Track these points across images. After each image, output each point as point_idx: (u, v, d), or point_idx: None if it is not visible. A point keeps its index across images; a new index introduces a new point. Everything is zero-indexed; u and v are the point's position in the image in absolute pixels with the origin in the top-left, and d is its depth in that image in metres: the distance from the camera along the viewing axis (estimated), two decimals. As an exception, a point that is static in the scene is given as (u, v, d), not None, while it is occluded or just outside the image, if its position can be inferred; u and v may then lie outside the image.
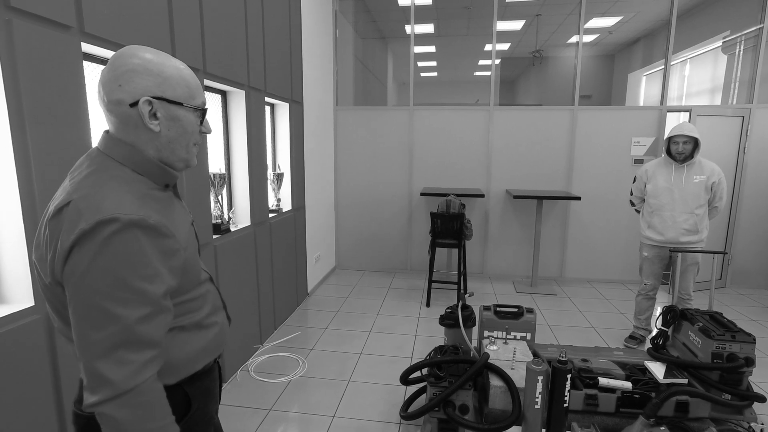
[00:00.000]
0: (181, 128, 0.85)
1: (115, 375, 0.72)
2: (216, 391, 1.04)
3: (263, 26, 3.00)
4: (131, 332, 0.74)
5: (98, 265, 0.72)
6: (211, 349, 0.96)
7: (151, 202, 0.81)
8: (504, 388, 2.09)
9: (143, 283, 0.75)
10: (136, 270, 0.75)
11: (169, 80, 0.82)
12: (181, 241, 0.85)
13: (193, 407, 0.93)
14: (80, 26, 1.53)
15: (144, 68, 0.80)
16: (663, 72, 4.43)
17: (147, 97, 0.79)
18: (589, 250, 4.68)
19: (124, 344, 0.73)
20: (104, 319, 0.72)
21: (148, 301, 0.76)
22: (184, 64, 0.87)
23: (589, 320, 3.65)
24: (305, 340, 3.22)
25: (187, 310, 0.90)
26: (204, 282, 0.96)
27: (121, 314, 0.73)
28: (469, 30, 7.67)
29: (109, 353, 0.72)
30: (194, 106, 0.86)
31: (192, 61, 2.19)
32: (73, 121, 1.50)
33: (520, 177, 4.69)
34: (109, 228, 0.72)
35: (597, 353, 2.51)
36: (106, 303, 0.72)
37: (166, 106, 0.82)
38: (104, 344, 0.72)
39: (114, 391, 0.72)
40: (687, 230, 2.91)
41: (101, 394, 0.72)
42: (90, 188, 0.77)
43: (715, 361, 2.14)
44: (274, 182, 3.46)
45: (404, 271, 5.03)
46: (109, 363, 0.72)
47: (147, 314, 0.76)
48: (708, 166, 2.92)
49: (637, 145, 4.41)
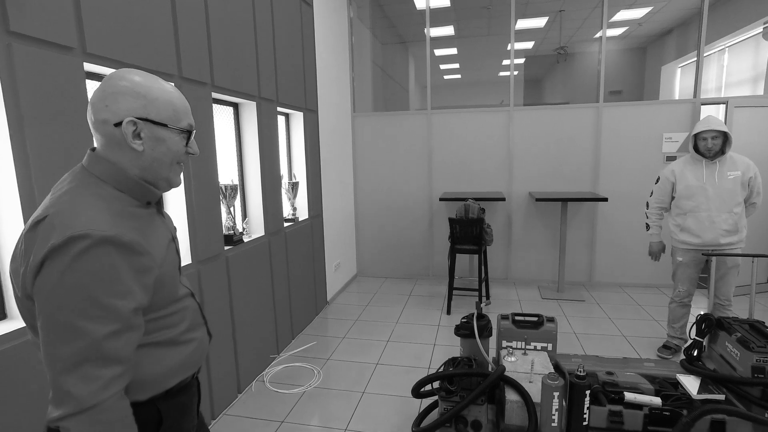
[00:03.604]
0: (165, 148, 0.87)
1: (79, 390, 0.72)
2: (193, 409, 1.02)
3: (274, 37, 3.02)
4: (98, 348, 0.73)
5: (67, 281, 0.72)
6: (187, 365, 0.95)
7: (128, 219, 0.82)
8: (521, 403, 1.98)
9: (113, 300, 0.75)
10: (106, 286, 0.74)
11: (155, 102, 0.84)
12: (156, 259, 0.85)
13: (164, 424, 0.91)
14: (82, 47, 1.56)
15: (131, 90, 0.83)
16: (696, 63, 4.17)
17: (131, 118, 0.82)
18: (620, 253, 4.45)
19: (91, 360, 0.73)
20: (71, 334, 0.72)
21: (118, 318, 0.75)
22: (174, 88, 0.90)
23: (619, 328, 3.45)
24: (322, 349, 3.20)
25: (162, 326, 0.89)
26: (183, 298, 0.96)
27: (89, 330, 0.72)
28: (490, 30, 7.53)
29: (75, 368, 0.72)
30: (179, 128, 0.88)
31: (199, 75, 2.22)
32: (77, 143, 1.54)
33: (544, 178, 4.52)
34: (80, 244, 0.72)
35: (625, 365, 2.35)
36: (73, 318, 0.72)
37: (150, 127, 0.84)
38: (70, 359, 0.72)
39: (77, 407, 0.71)
40: (727, 231, 2.70)
41: (64, 409, 0.72)
42: (66, 204, 0.77)
43: (755, 375, 1.96)
44: (289, 191, 3.47)
45: (426, 278, 4.95)
46: (73, 378, 0.72)
47: (115, 330, 0.75)
48: (742, 161, 2.70)
49: (669, 141, 4.17)
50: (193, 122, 0.92)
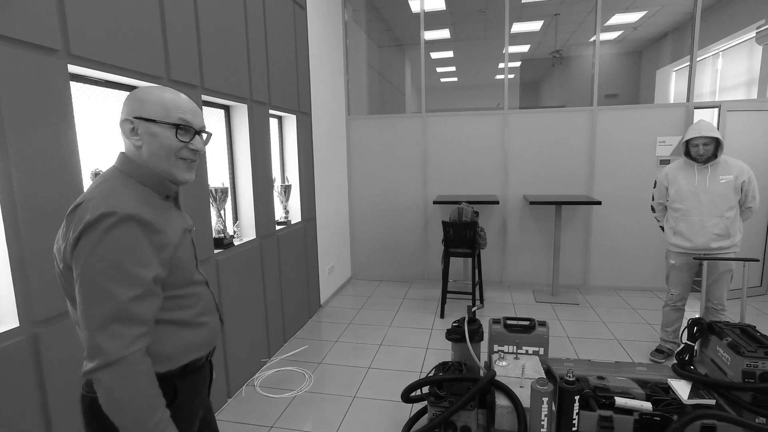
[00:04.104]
0: (158, 143, 0.97)
1: (108, 345, 0.84)
2: (204, 391, 1.13)
3: (266, 40, 3.01)
4: (124, 309, 0.85)
5: (99, 251, 0.85)
6: (200, 345, 1.06)
7: (149, 205, 0.96)
8: (510, 408, 1.97)
9: (136, 268, 0.88)
10: (130, 256, 0.87)
11: (147, 103, 0.97)
12: (173, 239, 0.98)
13: (178, 400, 1.01)
14: (66, 48, 1.55)
15: (133, 96, 0.98)
16: (689, 67, 4.18)
17: (127, 117, 0.97)
18: (615, 257, 4.45)
19: (118, 320, 0.85)
20: (103, 296, 0.85)
21: (140, 284, 0.88)
22: (172, 91, 1.01)
23: (612, 332, 3.44)
24: (314, 353, 3.17)
25: (178, 306, 1.01)
26: (197, 283, 1.08)
27: (117, 293, 0.85)
28: (487, 33, 7.55)
29: (105, 326, 0.84)
30: (168, 123, 0.97)
31: (189, 77, 2.21)
32: (59, 144, 1.52)
33: (539, 182, 4.52)
34: (109, 220, 0.86)
35: (617, 369, 2.34)
36: (104, 283, 0.85)
37: (144, 124, 0.96)
38: (101, 318, 0.84)
39: (106, 359, 0.83)
40: (718, 235, 2.69)
41: (96, 362, 0.84)
42: (99, 191, 0.92)
43: (746, 380, 1.95)
44: (282, 194, 3.46)
45: (421, 281, 4.93)
46: (104, 335, 0.84)
47: (138, 294, 0.87)
48: (735, 165, 2.69)
49: (663, 144, 4.17)
50: (195, 121, 1.01)
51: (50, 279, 1.48)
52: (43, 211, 1.46)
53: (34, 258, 1.43)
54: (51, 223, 1.48)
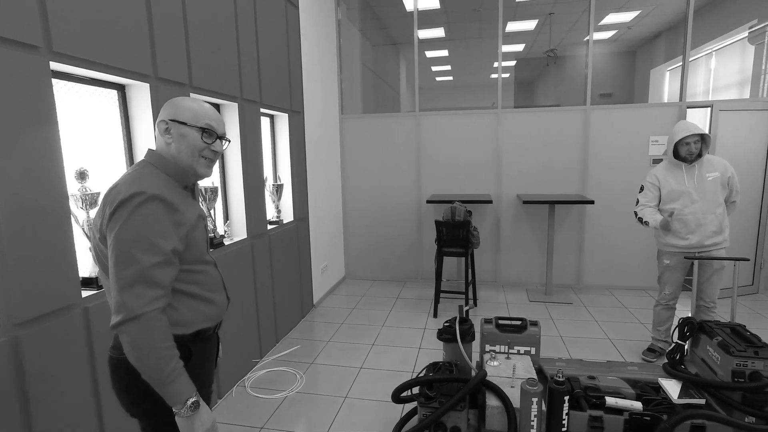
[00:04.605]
0: (186, 142, 1.17)
1: (131, 303, 0.99)
2: (212, 361, 1.31)
3: (257, 38, 2.99)
4: (147, 273, 1.01)
5: (129, 223, 1.02)
6: (209, 316, 1.23)
7: (171, 190, 1.13)
8: (501, 409, 1.96)
9: (158, 239, 1.04)
10: (154, 228, 1.04)
11: (180, 108, 1.17)
12: (189, 219, 1.14)
13: (192, 360, 1.17)
14: (48, 45, 1.52)
15: (170, 103, 1.19)
16: (681, 67, 4.19)
17: (162, 119, 1.17)
18: (608, 256, 4.45)
19: (141, 282, 1.01)
20: (130, 261, 1.01)
21: (161, 253, 1.04)
22: (201, 102, 1.21)
23: (605, 331, 3.44)
24: (306, 353, 3.16)
25: (192, 280, 1.17)
26: (208, 263, 1.24)
27: (141, 259, 1.01)
28: (482, 32, 7.54)
29: (131, 287, 1.00)
30: (197, 126, 1.17)
31: (177, 75, 2.19)
32: (41, 143, 1.49)
33: (532, 181, 4.52)
34: (139, 198, 1.03)
35: (609, 368, 2.34)
36: (132, 250, 1.01)
37: (176, 126, 1.16)
38: (128, 279, 1.00)
39: (128, 314, 0.99)
40: (713, 232, 2.71)
41: (121, 316, 0.99)
42: (131, 177, 1.10)
43: (735, 379, 1.95)
44: (273, 194, 3.43)
45: (415, 280, 4.92)
46: (129, 293, 1.00)
47: (159, 262, 1.03)
48: (719, 162, 2.74)
49: (656, 144, 4.18)
50: (218, 127, 1.20)
51: (32, 280, 1.45)
52: (24, 211, 1.43)
53: (14, 259, 1.40)
54: (33, 224, 1.46)
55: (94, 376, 1.69)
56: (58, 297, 1.55)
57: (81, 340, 1.64)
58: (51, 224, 1.52)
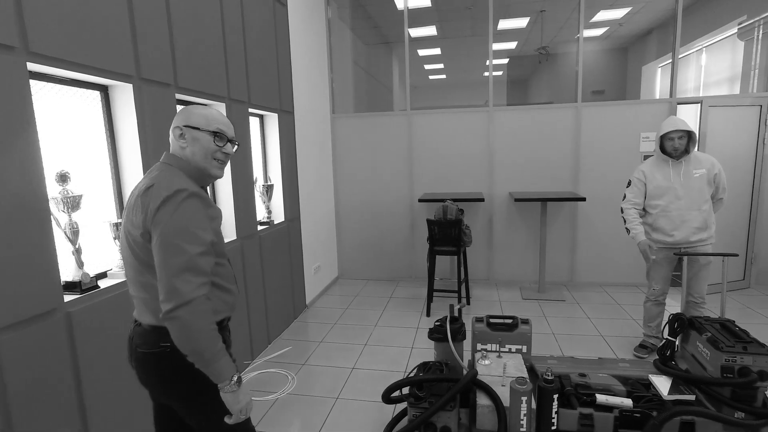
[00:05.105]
0: (200, 145, 1.25)
1: (183, 288, 1.08)
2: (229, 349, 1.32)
3: (244, 37, 2.96)
4: (193, 262, 1.11)
5: (175, 217, 1.11)
6: (230, 305, 1.34)
7: None
8: (491, 408, 1.95)
9: (200, 231, 1.14)
10: (196, 222, 1.14)
11: (193, 115, 1.26)
12: (218, 215, 1.26)
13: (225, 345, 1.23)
14: (25, 45, 1.49)
15: (183, 111, 1.28)
16: (671, 63, 4.20)
17: (177, 125, 1.26)
18: (601, 253, 4.46)
19: (189, 270, 1.10)
20: (178, 251, 1.10)
21: (203, 243, 1.14)
22: (212, 109, 1.30)
23: (597, 328, 3.45)
24: (298, 354, 3.14)
25: (218, 272, 1.27)
26: (225, 256, 1.34)
27: (188, 249, 1.10)
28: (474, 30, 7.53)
29: (180, 274, 1.09)
30: (209, 130, 1.25)
31: (161, 75, 2.16)
32: (19, 144, 1.47)
33: (524, 179, 4.52)
34: (182, 194, 1.13)
35: (600, 366, 2.34)
36: (179, 241, 1.10)
37: (189, 131, 1.25)
38: (177, 268, 1.09)
39: (181, 300, 1.07)
40: (698, 228, 2.71)
41: (173, 302, 1.07)
42: (162, 177, 1.18)
43: (725, 375, 1.95)
44: (264, 194, 3.41)
45: (408, 279, 4.91)
46: (179, 281, 1.08)
47: (202, 251, 1.13)
48: (706, 159, 2.74)
49: (647, 140, 4.19)
50: (228, 131, 1.29)
51: (10, 284, 1.43)
52: (1, 214, 1.40)
53: (-8, 263, 1.37)
54: (11, 227, 1.43)
55: (78, 380, 1.67)
56: (39, 302, 1.53)
57: (63, 345, 1.61)
58: (30, 228, 1.50)
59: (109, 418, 1.80)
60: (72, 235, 1.75)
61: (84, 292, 1.74)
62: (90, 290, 1.78)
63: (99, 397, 1.75)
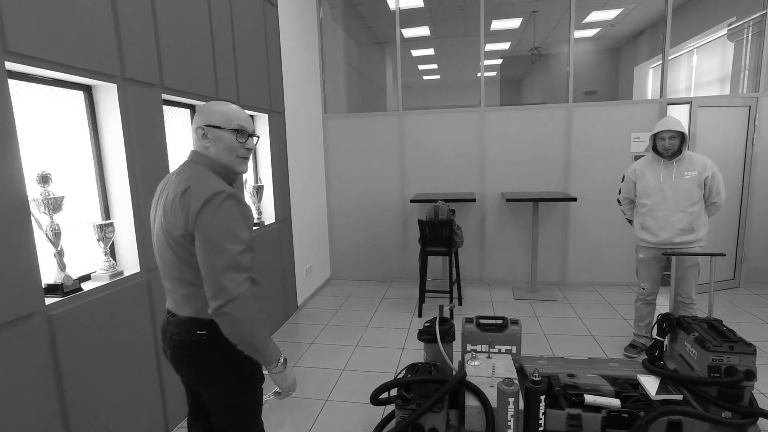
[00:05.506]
0: (222, 143, 1.28)
1: (229, 285, 1.14)
2: None
3: (233, 37, 2.94)
4: (236, 260, 1.16)
5: (217, 218, 1.16)
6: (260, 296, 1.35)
7: None
8: (480, 409, 1.94)
9: (239, 231, 1.19)
10: (236, 222, 1.19)
11: (213, 114, 1.28)
12: (250, 213, 1.28)
13: None
14: (3, 45, 1.47)
15: (202, 109, 1.30)
16: (662, 64, 4.22)
17: (199, 125, 1.28)
18: (592, 253, 4.47)
19: (233, 267, 1.15)
20: (221, 250, 1.15)
21: (243, 242, 1.19)
22: (230, 105, 1.31)
23: (588, 328, 3.45)
24: (289, 356, 3.11)
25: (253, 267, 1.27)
26: None
27: (230, 248, 1.15)
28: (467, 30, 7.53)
29: (225, 272, 1.14)
30: (230, 128, 1.28)
31: (146, 76, 2.14)
32: None
33: (516, 179, 4.52)
34: (221, 196, 1.17)
35: (589, 366, 2.34)
36: (222, 241, 1.15)
37: (211, 130, 1.27)
38: (222, 266, 1.14)
39: (229, 296, 1.13)
40: (682, 230, 2.71)
41: (221, 300, 1.13)
42: (199, 178, 1.22)
43: (711, 375, 1.96)
44: (254, 195, 3.39)
45: (400, 280, 4.91)
46: (225, 279, 1.14)
47: (243, 250, 1.18)
48: (699, 161, 2.72)
49: (637, 140, 4.21)
50: (248, 126, 1.31)
51: (-11, 288, 1.40)
52: (-21, 217, 1.38)
53: (-31, 266, 1.35)
54: (-11, 230, 1.41)
55: (60, 385, 1.64)
56: (19, 305, 1.50)
57: (44, 348, 1.59)
58: (9, 229, 1.47)
59: (91, 424, 1.77)
60: (54, 237, 1.72)
61: (66, 295, 1.72)
62: (73, 293, 1.75)
63: (81, 401, 1.72)
